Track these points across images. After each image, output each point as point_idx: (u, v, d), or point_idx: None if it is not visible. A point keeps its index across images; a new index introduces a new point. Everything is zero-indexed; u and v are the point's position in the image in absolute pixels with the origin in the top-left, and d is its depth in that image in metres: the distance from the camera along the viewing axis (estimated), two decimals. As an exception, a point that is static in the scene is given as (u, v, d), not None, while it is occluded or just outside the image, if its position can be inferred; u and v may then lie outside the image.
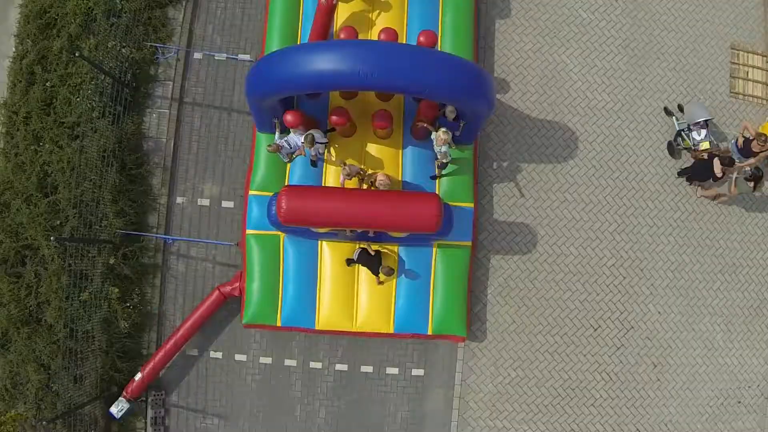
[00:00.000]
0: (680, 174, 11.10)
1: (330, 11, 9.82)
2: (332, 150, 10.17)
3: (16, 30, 11.63)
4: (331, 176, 10.23)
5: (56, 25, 11.41)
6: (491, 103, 9.26)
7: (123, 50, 10.93)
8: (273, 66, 8.86)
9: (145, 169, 10.89)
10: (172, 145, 10.99)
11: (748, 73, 11.73)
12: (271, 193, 10.22)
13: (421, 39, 9.90)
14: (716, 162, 10.16)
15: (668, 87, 11.39)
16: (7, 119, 11.36)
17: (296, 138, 9.56)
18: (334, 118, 9.66)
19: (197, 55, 11.19)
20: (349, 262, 10.06)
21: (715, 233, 11.22)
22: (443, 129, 9.23)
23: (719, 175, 10.22)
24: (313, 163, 10.16)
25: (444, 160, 9.65)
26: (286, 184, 10.25)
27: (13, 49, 11.64)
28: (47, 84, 11.24)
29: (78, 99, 11.00)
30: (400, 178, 10.30)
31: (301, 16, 10.70)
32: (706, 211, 11.23)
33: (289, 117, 9.62)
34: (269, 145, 9.68)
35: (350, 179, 9.62)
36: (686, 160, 11.17)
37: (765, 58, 11.73)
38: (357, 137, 10.31)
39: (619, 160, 11.10)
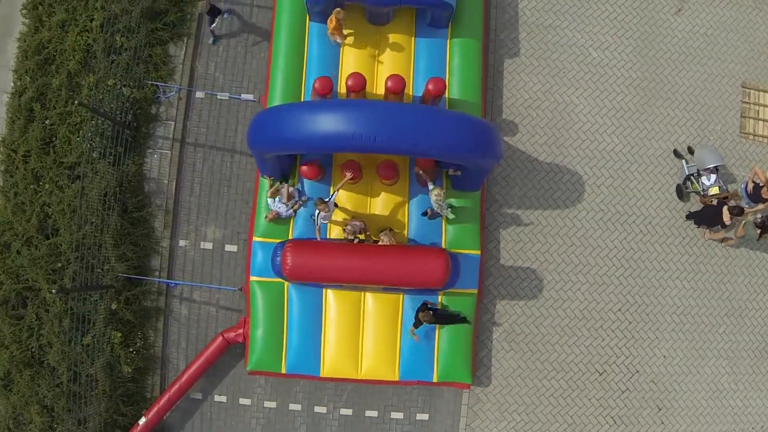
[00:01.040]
0: (688, 217, 10.97)
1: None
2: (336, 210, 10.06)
3: (14, 65, 11.40)
4: (335, 227, 10.09)
5: (55, 61, 11.17)
6: (498, 158, 9.14)
7: (123, 90, 10.70)
8: (274, 124, 8.71)
9: (147, 212, 10.73)
10: (174, 186, 10.81)
11: (758, 112, 11.55)
12: (275, 240, 10.11)
13: (430, 87, 9.73)
14: (725, 210, 10.05)
15: (678, 128, 11.22)
16: (6, 157, 11.17)
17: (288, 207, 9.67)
18: (347, 174, 9.54)
19: (199, 95, 10.96)
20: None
21: (722, 276, 11.14)
22: (438, 188, 9.16)
23: (728, 223, 10.13)
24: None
25: (439, 212, 9.54)
26: (290, 231, 10.14)
27: (12, 84, 11.41)
28: (46, 122, 11.03)
29: (78, 139, 10.81)
30: (405, 221, 10.16)
31: (305, 55, 10.46)
32: (714, 255, 11.14)
33: (305, 168, 9.50)
34: (266, 216, 9.66)
35: (353, 238, 9.48)
36: (695, 203, 11.04)
37: (776, 97, 11.59)
38: (362, 183, 10.15)
39: (627, 204, 10.97)
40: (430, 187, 9.37)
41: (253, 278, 10.19)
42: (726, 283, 11.15)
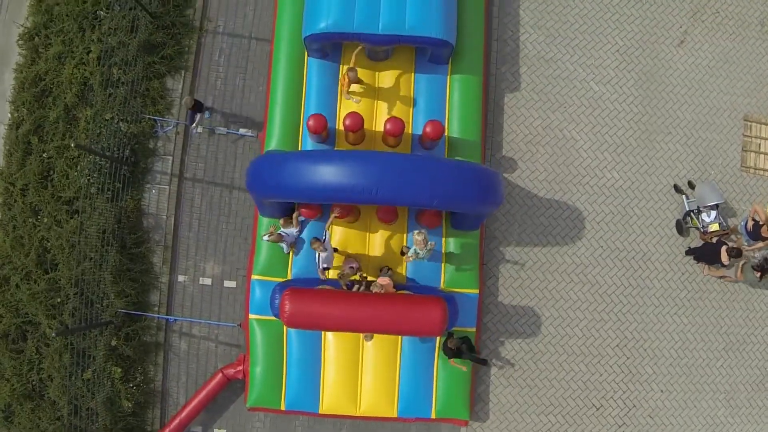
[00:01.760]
0: (688, 253, 10.96)
1: None
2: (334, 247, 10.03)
3: (11, 96, 11.31)
4: (334, 266, 10.08)
5: (52, 93, 11.09)
6: (499, 203, 9.12)
7: (121, 125, 10.62)
8: (272, 172, 8.68)
9: (145, 248, 10.72)
10: (173, 222, 10.79)
11: (760, 145, 11.48)
12: (273, 278, 10.13)
13: (428, 130, 9.67)
14: (724, 251, 10.05)
15: (679, 162, 11.16)
16: (4, 190, 11.14)
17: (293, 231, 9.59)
18: (335, 211, 9.50)
19: (198, 129, 10.88)
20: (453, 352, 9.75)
21: (721, 311, 11.16)
22: (424, 234, 9.18)
23: (726, 263, 10.14)
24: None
25: (416, 254, 9.55)
26: (289, 269, 10.15)
27: (9, 115, 11.34)
28: (44, 155, 10.99)
29: (75, 173, 10.76)
30: (404, 259, 10.16)
31: (304, 91, 10.37)
32: (712, 290, 11.14)
33: (305, 209, 9.47)
34: (268, 235, 9.59)
35: (349, 283, 9.48)
36: (695, 238, 11.02)
37: (779, 131, 11.51)
38: (360, 221, 10.12)
39: (626, 240, 10.94)
40: (417, 230, 9.41)
41: (252, 316, 10.21)
42: (724, 318, 11.17)
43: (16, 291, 10.78)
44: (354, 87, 10.04)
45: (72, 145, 9.47)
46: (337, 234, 10.03)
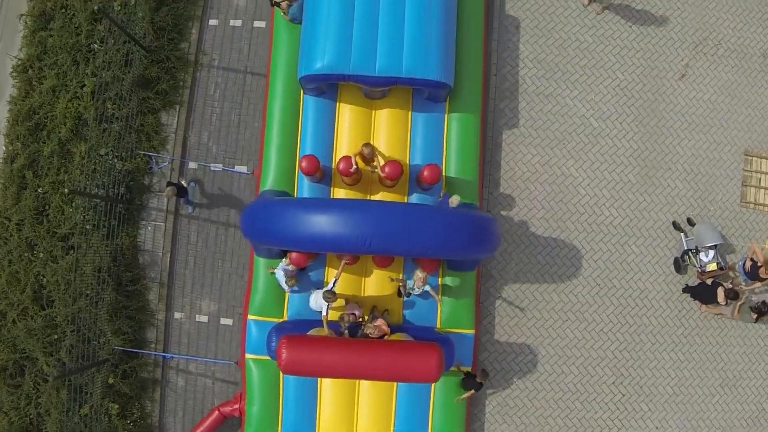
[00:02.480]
0: (685, 290, 10.93)
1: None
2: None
3: (5, 129, 11.23)
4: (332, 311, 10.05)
5: (46, 127, 11.01)
6: (495, 249, 9.09)
7: (116, 163, 10.55)
8: (266, 220, 8.65)
9: (141, 285, 10.70)
10: (169, 259, 10.76)
11: (760, 180, 11.38)
12: (270, 319, 10.12)
13: (425, 174, 9.58)
14: (721, 292, 10.03)
15: (678, 199, 11.07)
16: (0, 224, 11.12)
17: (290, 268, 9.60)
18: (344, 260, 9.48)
19: (192, 165, 10.81)
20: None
21: (717, 347, 11.15)
22: (422, 273, 9.24)
23: (722, 303, 10.12)
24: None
25: (412, 292, 9.62)
26: (285, 310, 10.14)
27: (3, 148, 11.27)
28: (39, 190, 10.93)
29: (71, 210, 10.71)
30: (401, 300, 10.13)
31: (300, 128, 10.27)
32: (709, 326, 11.12)
33: (294, 255, 9.43)
34: (271, 269, 9.60)
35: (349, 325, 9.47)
36: (692, 275, 10.98)
37: (779, 166, 11.41)
38: (357, 265, 10.08)
39: (624, 278, 10.91)
40: (419, 269, 9.40)
41: (248, 356, 10.21)
42: (721, 354, 11.17)
43: (12, 327, 10.79)
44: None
45: (66, 190, 9.39)
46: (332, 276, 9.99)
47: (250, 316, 10.19)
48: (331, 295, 9.12)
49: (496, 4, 11.20)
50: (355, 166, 9.43)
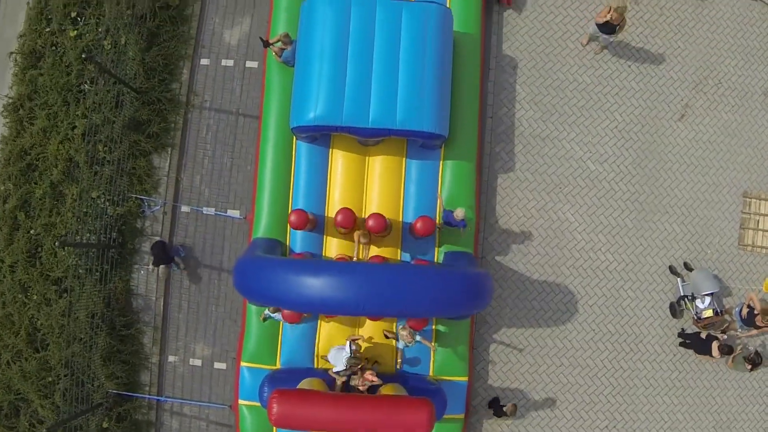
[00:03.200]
0: (680, 336, 10.88)
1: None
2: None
3: (-3, 168, 11.15)
4: (323, 353, 10.02)
5: (38, 168, 10.90)
6: (488, 303, 9.04)
7: (108, 209, 10.46)
8: (257, 279, 8.61)
9: (135, 329, 10.68)
10: (162, 303, 10.72)
11: (759, 222, 11.26)
12: (263, 366, 10.11)
13: (418, 226, 9.50)
14: (715, 347, 10.01)
15: (675, 242, 10.97)
16: (-8, 266, 11.07)
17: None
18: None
19: (185, 209, 10.72)
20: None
21: (712, 390, 11.13)
22: (401, 326, 9.22)
23: (716, 357, 10.09)
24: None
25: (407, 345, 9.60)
26: (278, 357, 10.12)
27: (-5, 187, 11.19)
28: (31, 232, 10.86)
29: (64, 253, 10.65)
30: (394, 346, 10.10)
31: (292, 174, 10.17)
32: (704, 370, 11.09)
33: (287, 312, 9.40)
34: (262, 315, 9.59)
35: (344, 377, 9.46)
36: (688, 319, 10.92)
37: (778, 208, 11.27)
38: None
39: (618, 323, 10.85)
40: (402, 325, 9.41)
41: (241, 402, 10.20)
42: (715, 397, 11.15)
43: (7, 369, 10.80)
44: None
45: (56, 244, 9.33)
46: (326, 327, 9.95)
47: (243, 363, 10.18)
48: (355, 361, 9.12)
49: (493, 43, 11.00)
50: (353, 219, 9.39)
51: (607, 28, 10.05)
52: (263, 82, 10.47)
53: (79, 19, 11.11)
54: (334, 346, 9.65)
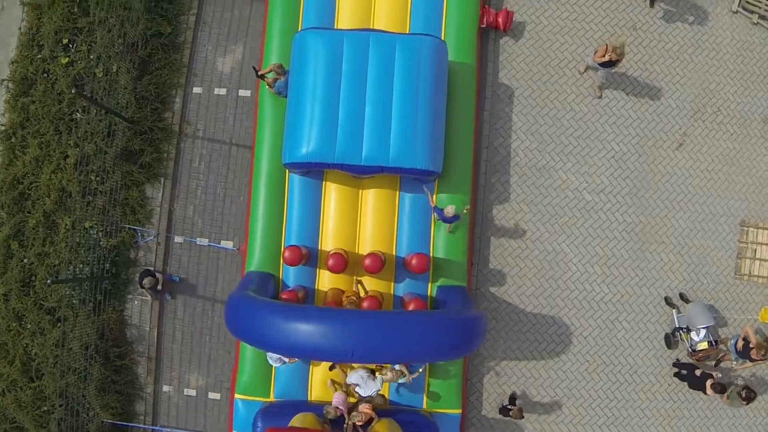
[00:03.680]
0: (675, 365, 10.85)
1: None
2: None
3: (-11, 198, 11.10)
4: (316, 386, 10.04)
5: (31, 197, 10.85)
6: (480, 344, 9.02)
7: (101, 241, 10.42)
8: (247, 321, 8.58)
9: (130, 359, 10.69)
10: (156, 334, 10.72)
11: (756, 251, 11.18)
12: (256, 398, 10.11)
13: (413, 263, 9.47)
14: (709, 386, 9.97)
15: (671, 273, 10.90)
16: (-14, 295, 11.06)
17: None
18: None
19: (178, 239, 10.68)
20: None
21: (706, 420, 11.12)
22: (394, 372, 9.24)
23: (710, 394, 10.07)
24: None
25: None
26: (271, 389, 10.13)
27: (-13, 216, 11.15)
28: (25, 261, 10.84)
29: (57, 277, 10.63)
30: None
31: (285, 205, 10.10)
32: (699, 399, 11.06)
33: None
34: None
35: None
36: (683, 349, 10.88)
37: (776, 237, 11.18)
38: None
39: (613, 354, 10.82)
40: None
41: (235, 434, 10.28)
42: (710, 426, 11.14)
43: (2, 398, 10.84)
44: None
45: (48, 282, 9.31)
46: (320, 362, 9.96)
47: (237, 395, 10.18)
48: (368, 410, 9.17)
49: (489, 71, 10.86)
50: (344, 264, 9.36)
51: (607, 63, 9.92)
52: (256, 112, 10.37)
53: (70, 45, 11.01)
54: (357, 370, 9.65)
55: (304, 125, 9.24)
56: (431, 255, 10.01)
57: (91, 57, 10.82)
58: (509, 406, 10.20)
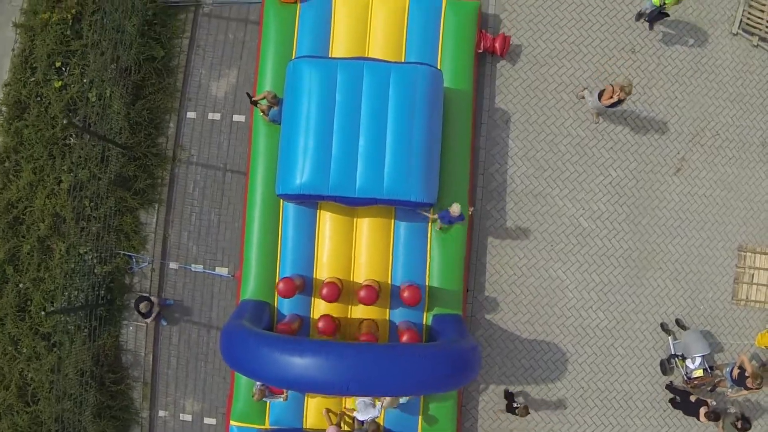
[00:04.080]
0: (668, 388, 10.85)
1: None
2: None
3: (-17, 223, 11.06)
4: (311, 414, 10.05)
5: (25, 222, 10.81)
6: (476, 376, 9.01)
7: (96, 268, 10.39)
8: (242, 352, 8.54)
9: (125, 384, 10.71)
10: (151, 359, 10.72)
11: (753, 276, 11.13)
12: (251, 425, 10.13)
13: (405, 295, 9.40)
14: (702, 414, 9.96)
15: (667, 299, 10.86)
16: (-18, 319, 11.07)
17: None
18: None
19: (173, 265, 10.64)
20: None
21: (701, 444, 11.18)
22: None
23: (704, 422, 10.07)
24: None
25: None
26: (266, 417, 10.14)
27: (-18, 241, 11.12)
28: (20, 285, 10.83)
29: (52, 308, 10.62)
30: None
31: (280, 233, 10.06)
32: (693, 424, 11.06)
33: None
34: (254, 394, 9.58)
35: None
36: (678, 375, 10.87)
37: (773, 264, 11.14)
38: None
39: (608, 380, 10.81)
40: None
41: (231, 460, 10.32)
42: (704, 451, 11.20)
43: (-2, 422, 10.91)
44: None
45: (43, 313, 9.30)
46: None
47: (232, 422, 10.20)
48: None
49: (486, 96, 10.75)
50: (338, 293, 9.32)
51: (615, 103, 9.82)
52: (250, 138, 10.29)
53: (63, 69, 10.93)
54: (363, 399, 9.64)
55: (297, 156, 9.17)
56: (426, 283, 9.97)
57: (84, 81, 10.73)
58: (515, 404, 10.16)
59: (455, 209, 9.17)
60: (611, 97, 9.63)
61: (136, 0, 10.66)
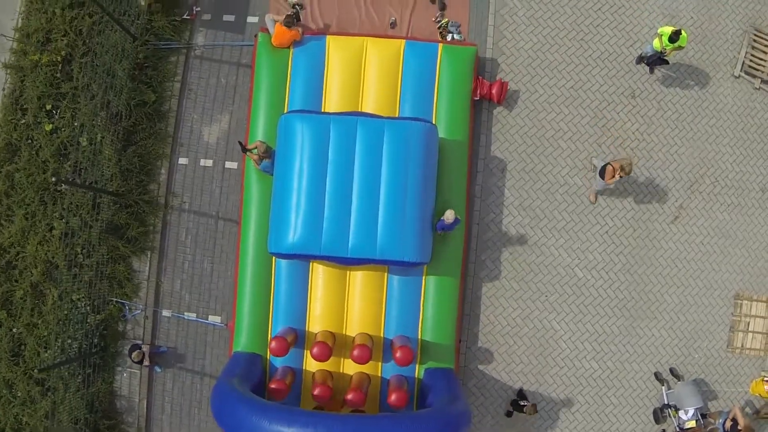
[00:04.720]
0: (661, 437, 10.91)
1: None
2: None
3: (-26, 265, 11.02)
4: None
5: (17, 267, 10.76)
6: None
7: (89, 317, 10.37)
8: (231, 417, 8.51)
9: (119, 431, 10.76)
10: (145, 405, 10.76)
11: (749, 324, 11.06)
12: (245, 472, 10.21)
13: (397, 355, 9.34)
14: (697, 463, 10.00)
15: (662, 348, 10.82)
16: (-24, 362, 11.09)
17: None
18: None
19: (166, 313, 10.62)
20: None
21: (692, 490, 11.21)
22: None
23: (698, 474, 10.12)
24: None
25: None
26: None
27: (-26, 284, 11.09)
28: (14, 330, 10.83)
29: (47, 355, 10.65)
30: None
31: (272, 287, 10.00)
32: (686, 468, 11.15)
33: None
34: None
35: None
36: (671, 424, 10.86)
37: (769, 311, 11.05)
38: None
39: (600, 429, 10.81)
40: None
41: (225, 506, 10.40)
42: (695, 496, 11.24)
43: (-5, 467, 11.00)
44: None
45: (35, 371, 9.31)
46: None
47: (225, 469, 10.30)
48: None
49: (482, 143, 10.60)
50: (329, 353, 9.27)
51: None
52: (242, 188, 10.18)
53: (54, 111, 10.79)
54: None
55: (289, 215, 9.09)
56: (419, 337, 9.94)
57: (75, 124, 10.60)
58: (522, 402, 10.15)
59: (449, 215, 9.08)
60: (613, 177, 9.51)
61: (126, 43, 10.49)
